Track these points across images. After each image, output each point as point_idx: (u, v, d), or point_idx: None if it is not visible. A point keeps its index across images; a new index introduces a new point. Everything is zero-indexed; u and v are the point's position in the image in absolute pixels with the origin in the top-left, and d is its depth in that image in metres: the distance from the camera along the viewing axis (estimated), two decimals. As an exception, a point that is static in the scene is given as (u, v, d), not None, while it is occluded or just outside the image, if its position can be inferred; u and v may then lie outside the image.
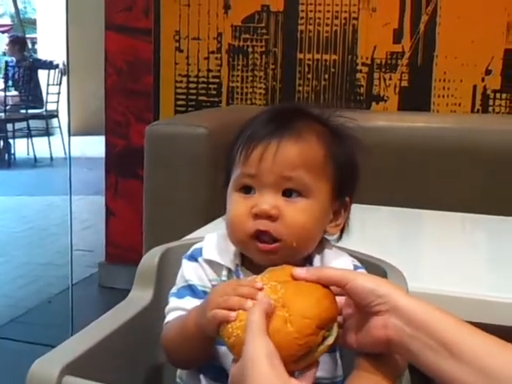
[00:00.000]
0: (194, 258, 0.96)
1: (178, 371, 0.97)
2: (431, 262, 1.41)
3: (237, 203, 0.90)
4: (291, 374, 0.71)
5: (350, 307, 0.80)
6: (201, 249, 0.96)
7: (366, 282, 0.77)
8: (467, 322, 0.73)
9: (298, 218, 0.87)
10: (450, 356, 0.70)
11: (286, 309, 0.73)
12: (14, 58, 7.47)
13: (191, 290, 0.93)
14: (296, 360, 0.72)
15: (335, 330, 0.76)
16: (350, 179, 0.94)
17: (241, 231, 0.88)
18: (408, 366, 0.87)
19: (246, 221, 0.88)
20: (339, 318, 0.80)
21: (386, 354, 0.78)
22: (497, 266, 1.39)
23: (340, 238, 0.97)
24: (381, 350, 0.78)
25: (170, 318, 0.93)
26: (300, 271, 0.78)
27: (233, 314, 0.75)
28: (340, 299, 0.80)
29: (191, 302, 0.91)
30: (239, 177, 0.90)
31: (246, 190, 0.90)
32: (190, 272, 0.95)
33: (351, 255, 0.98)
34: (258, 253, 0.89)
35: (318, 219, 0.89)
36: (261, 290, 0.76)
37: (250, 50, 2.66)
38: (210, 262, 0.94)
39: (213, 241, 0.96)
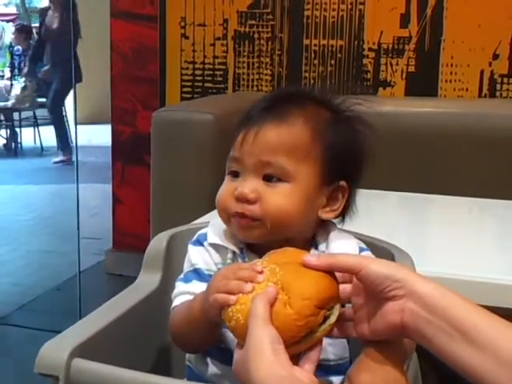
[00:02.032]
0: (199, 242, 0.97)
1: (187, 354, 0.97)
2: (438, 245, 1.41)
3: (224, 186, 0.93)
4: (295, 356, 0.71)
5: (360, 296, 0.78)
6: (205, 234, 0.97)
7: (380, 267, 0.75)
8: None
9: (276, 202, 0.88)
10: (465, 341, 0.68)
11: (286, 291, 0.73)
12: (20, 47, 7.47)
13: (197, 273, 0.94)
14: (298, 341, 0.72)
15: (337, 309, 0.75)
16: (346, 162, 0.92)
17: (224, 212, 0.92)
18: (416, 351, 0.87)
19: (230, 202, 0.90)
20: (355, 300, 0.79)
21: (395, 339, 0.77)
22: (504, 249, 1.39)
23: (342, 222, 0.97)
24: (395, 335, 0.76)
25: (176, 302, 0.93)
26: (310, 259, 0.76)
27: (232, 297, 0.76)
28: (345, 287, 0.79)
29: (198, 286, 0.91)
30: (228, 161, 0.93)
31: (235, 173, 0.92)
32: (195, 256, 0.95)
33: (358, 238, 0.98)
34: (237, 229, 0.91)
35: (301, 203, 0.89)
36: (260, 273, 0.77)
37: (256, 36, 2.65)
38: (215, 246, 0.95)
39: (217, 225, 0.97)
